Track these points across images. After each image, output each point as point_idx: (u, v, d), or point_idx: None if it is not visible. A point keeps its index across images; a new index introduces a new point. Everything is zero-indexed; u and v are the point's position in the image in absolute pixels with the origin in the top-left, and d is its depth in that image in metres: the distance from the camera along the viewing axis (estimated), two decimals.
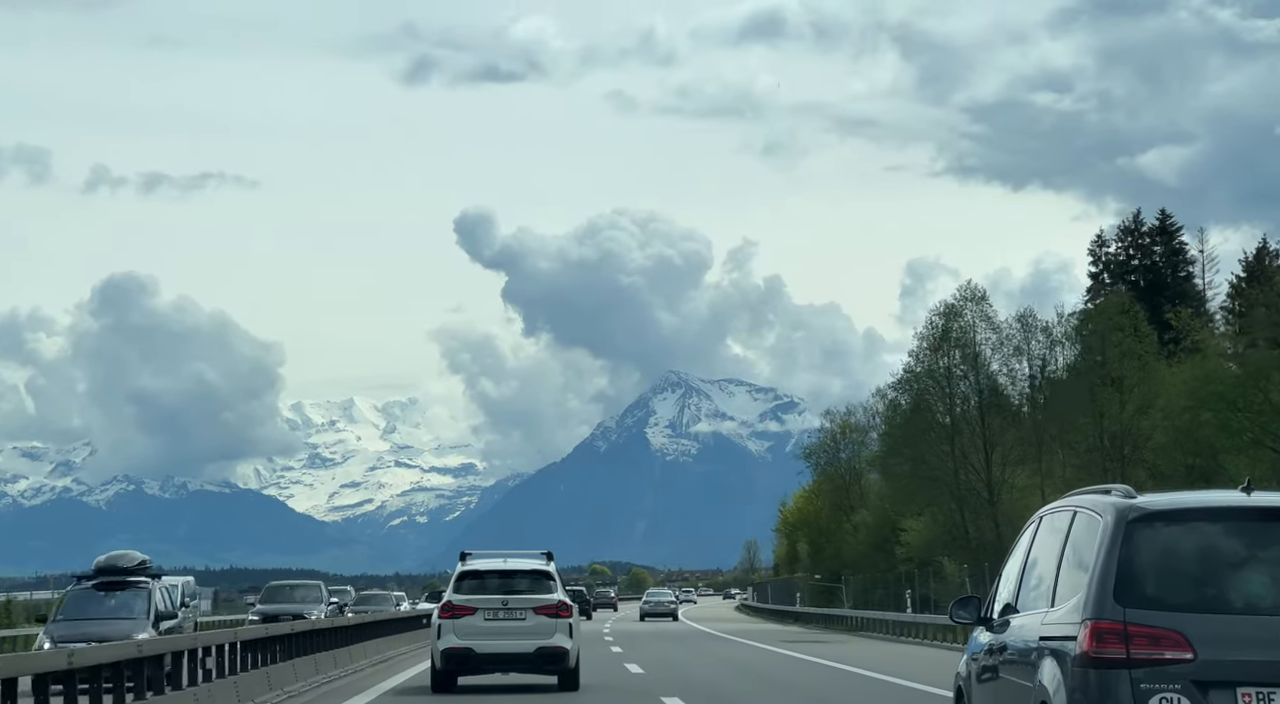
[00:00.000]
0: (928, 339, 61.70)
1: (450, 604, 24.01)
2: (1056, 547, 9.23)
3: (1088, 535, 8.79)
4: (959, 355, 60.64)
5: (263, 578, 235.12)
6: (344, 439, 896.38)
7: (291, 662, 24.93)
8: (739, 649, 42.39)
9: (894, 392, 66.55)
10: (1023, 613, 9.56)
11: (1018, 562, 10.03)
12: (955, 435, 59.95)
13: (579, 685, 24.36)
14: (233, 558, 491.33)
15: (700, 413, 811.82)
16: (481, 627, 23.70)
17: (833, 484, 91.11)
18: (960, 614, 10.38)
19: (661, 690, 24.16)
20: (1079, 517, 9.08)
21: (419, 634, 40.33)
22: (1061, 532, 9.25)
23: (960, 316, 60.77)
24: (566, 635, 23.89)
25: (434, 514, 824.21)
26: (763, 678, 28.77)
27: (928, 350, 61.80)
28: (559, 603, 24.12)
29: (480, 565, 24.68)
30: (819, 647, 43.12)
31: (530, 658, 23.87)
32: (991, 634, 10.04)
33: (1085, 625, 8.41)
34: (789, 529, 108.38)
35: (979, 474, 59.43)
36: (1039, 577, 9.50)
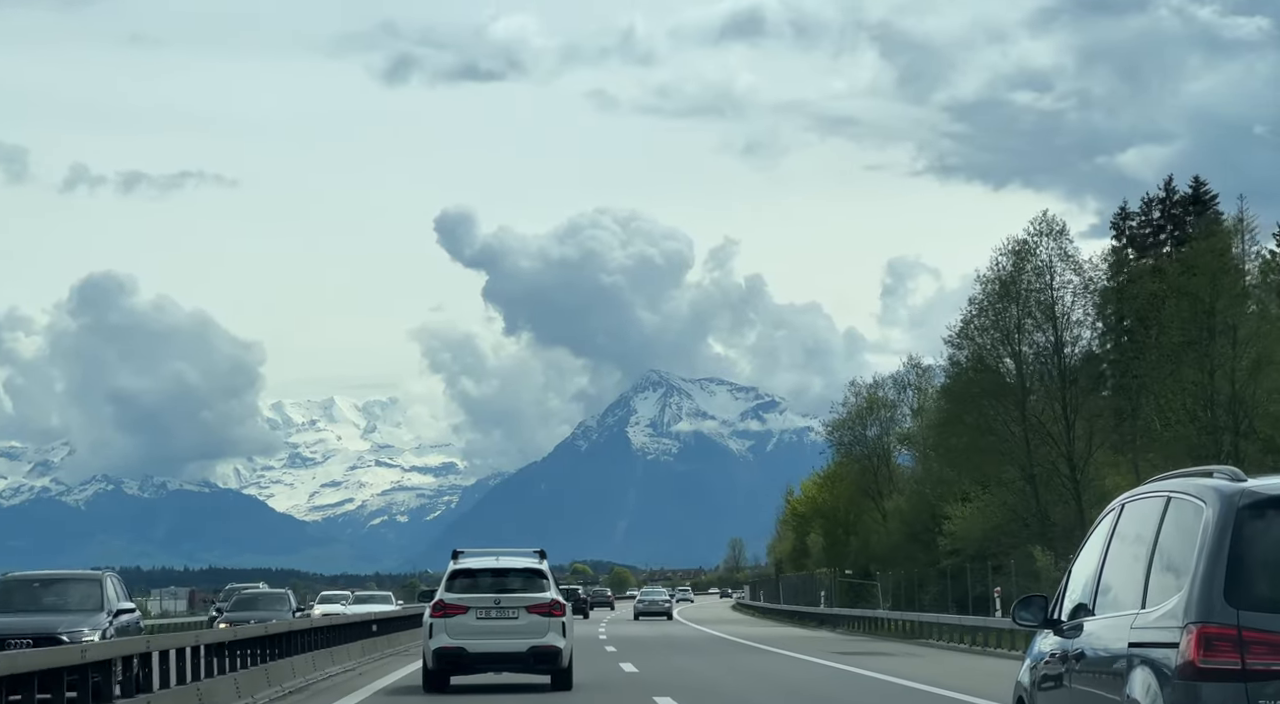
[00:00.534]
0: (994, 282, 51.89)
1: (442, 603, 23.75)
2: (1145, 539, 7.92)
3: (1187, 526, 7.49)
4: (1033, 302, 50.91)
5: (242, 578, 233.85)
6: (324, 438, 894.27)
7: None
8: (781, 663, 34.17)
9: (952, 347, 55.24)
10: (1101, 615, 8.28)
11: (1093, 556, 8.68)
12: (1027, 400, 50.53)
13: (572, 685, 24.04)
14: (212, 558, 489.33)
15: (681, 412, 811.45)
16: (474, 626, 23.44)
17: (859, 466, 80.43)
18: (1023, 616, 9.09)
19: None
20: (1175, 504, 7.73)
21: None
22: (1151, 521, 7.91)
23: (1034, 255, 50.99)
24: (560, 635, 23.61)
25: (415, 513, 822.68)
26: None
27: (995, 296, 51.85)
28: (552, 602, 23.83)
29: (472, 564, 24.41)
30: (892, 662, 34.04)
31: (523, 657, 23.59)
32: (1060, 638, 8.75)
33: (1189, 631, 7.09)
34: (798, 521, 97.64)
35: (1058, 447, 49.81)
36: (1122, 574, 8.16)
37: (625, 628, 63.10)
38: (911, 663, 33.81)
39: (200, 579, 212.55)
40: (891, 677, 28.28)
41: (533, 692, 23.79)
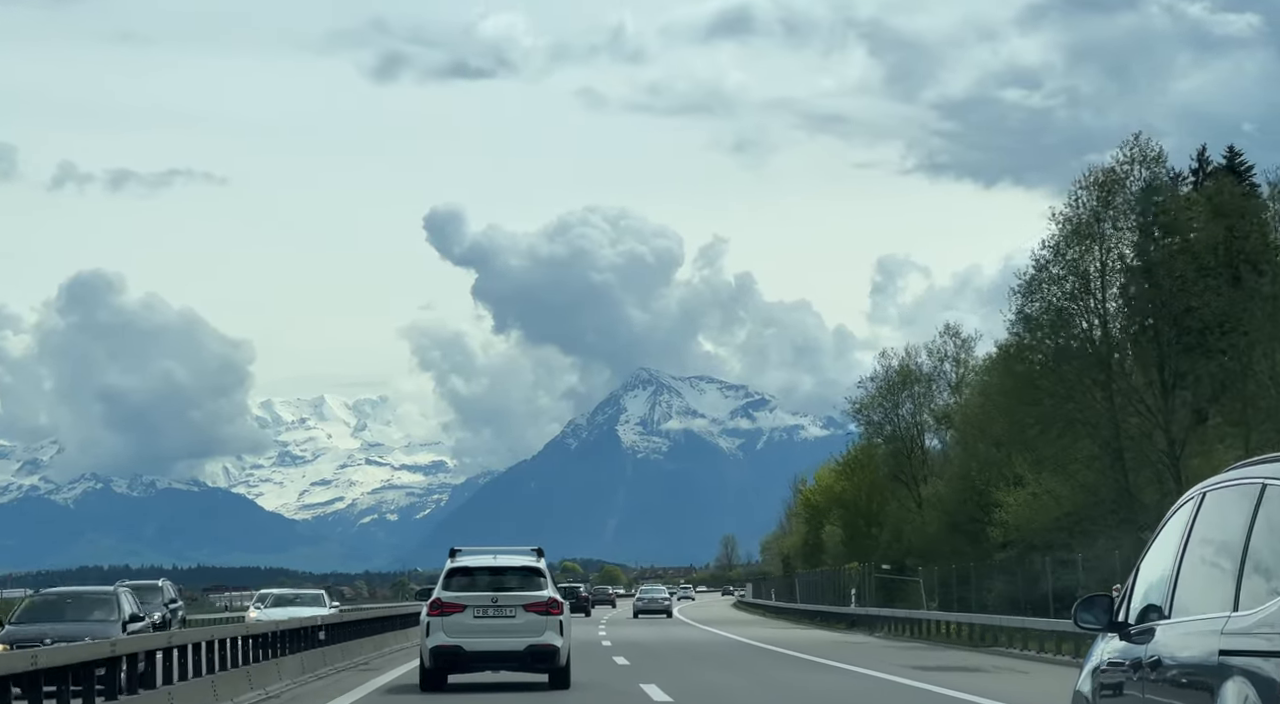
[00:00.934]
0: (1073, 221, 43.32)
1: (439, 601, 23.71)
2: (1235, 534, 6.87)
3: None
4: (1124, 244, 42.72)
5: (231, 577, 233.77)
6: (314, 437, 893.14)
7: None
8: (850, 683, 27.23)
9: (1021, 297, 45.50)
10: (1178, 618, 7.28)
11: (1166, 553, 7.65)
12: (1113, 360, 42.90)
13: (570, 684, 24.00)
14: (201, 556, 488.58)
15: (671, 410, 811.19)
16: (471, 624, 23.42)
17: (889, 449, 71.90)
18: (1086, 618, 8.14)
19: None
20: (1273, 494, 6.67)
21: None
22: (1242, 514, 6.86)
23: (1122, 187, 43.00)
24: (557, 633, 23.60)
25: (404, 512, 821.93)
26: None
27: (1072, 238, 43.30)
28: (550, 600, 23.83)
29: (469, 562, 24.37)
30: (995, 681, 27.31)
31: (520, 656, 23.58)
32: (1128, 643, 7.78)
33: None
34: (810, 513, 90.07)
35: (1153, 417, 42.04)
36: (1205, 573, 7.18)
37: (628, 630, 58.82)
38: (1020, 682, 27.19)
39: (188, 578, 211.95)
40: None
41: (530, 691, 23.62)
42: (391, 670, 30.71)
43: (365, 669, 31.91)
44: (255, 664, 23.91)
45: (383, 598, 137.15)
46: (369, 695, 23.81)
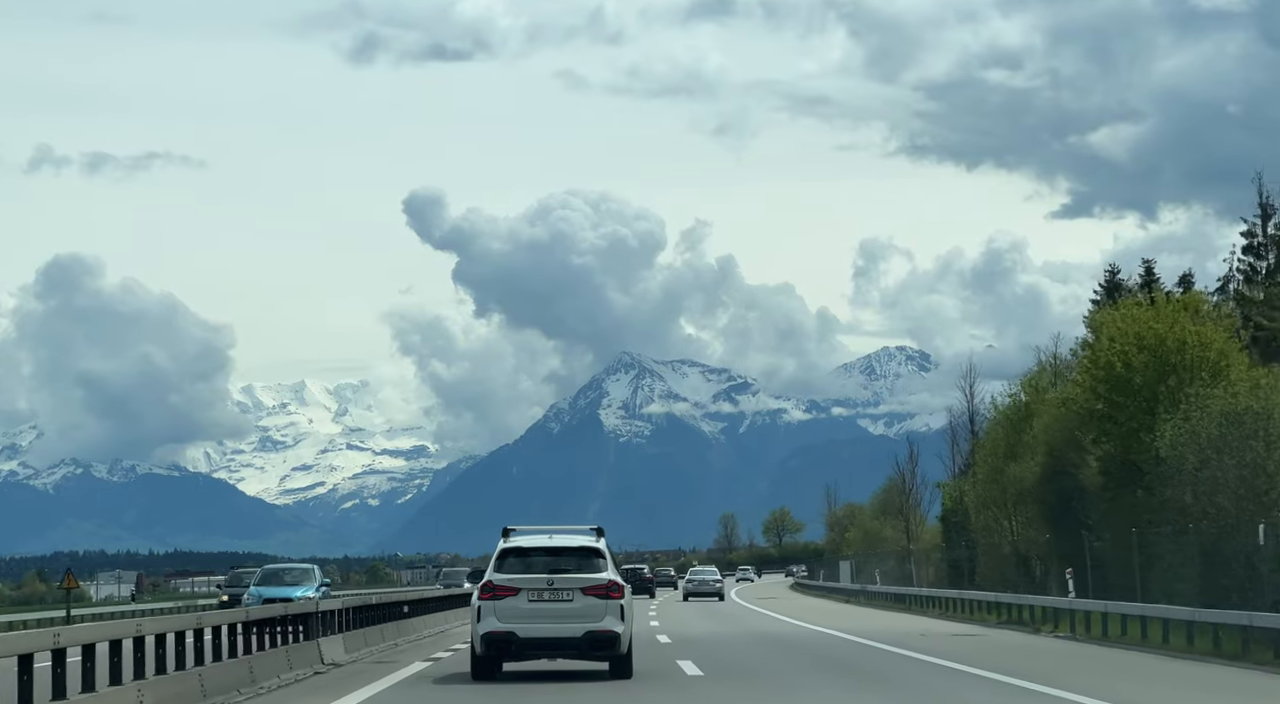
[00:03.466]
0: None
1: (491, 584, 22.40)
2: None
3: None
4: None
5: (209, 562, 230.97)
6: (295, 422, 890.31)
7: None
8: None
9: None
10: None
11: None
12: None
13: (632, 673, 22.60)
14: (182, 542, 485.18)
15: (653, 394, 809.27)
16: (525, 609, 22.19)
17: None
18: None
19: None
20: None
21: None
22: None
23: None
24: (618, 618, 22.26)
25: (386, 497, 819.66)
26: None
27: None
28: (609, 583, 22.44)
29: (524, 542, 23.13)
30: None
31: (578, 643, 22.29)
32: None
33: None
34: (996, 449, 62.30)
35: None
36: None
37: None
38: None
39: (165, 563, 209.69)
40: None
41: (590, 680, 22.29)
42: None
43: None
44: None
45: (356, 584, 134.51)
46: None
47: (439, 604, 42.95)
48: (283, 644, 24.80)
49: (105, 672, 16.79)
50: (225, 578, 60.58)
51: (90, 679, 15.98)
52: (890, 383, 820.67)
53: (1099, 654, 30.77)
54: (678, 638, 35.31)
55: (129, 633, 17.50)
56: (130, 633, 17.44)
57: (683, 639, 35.11)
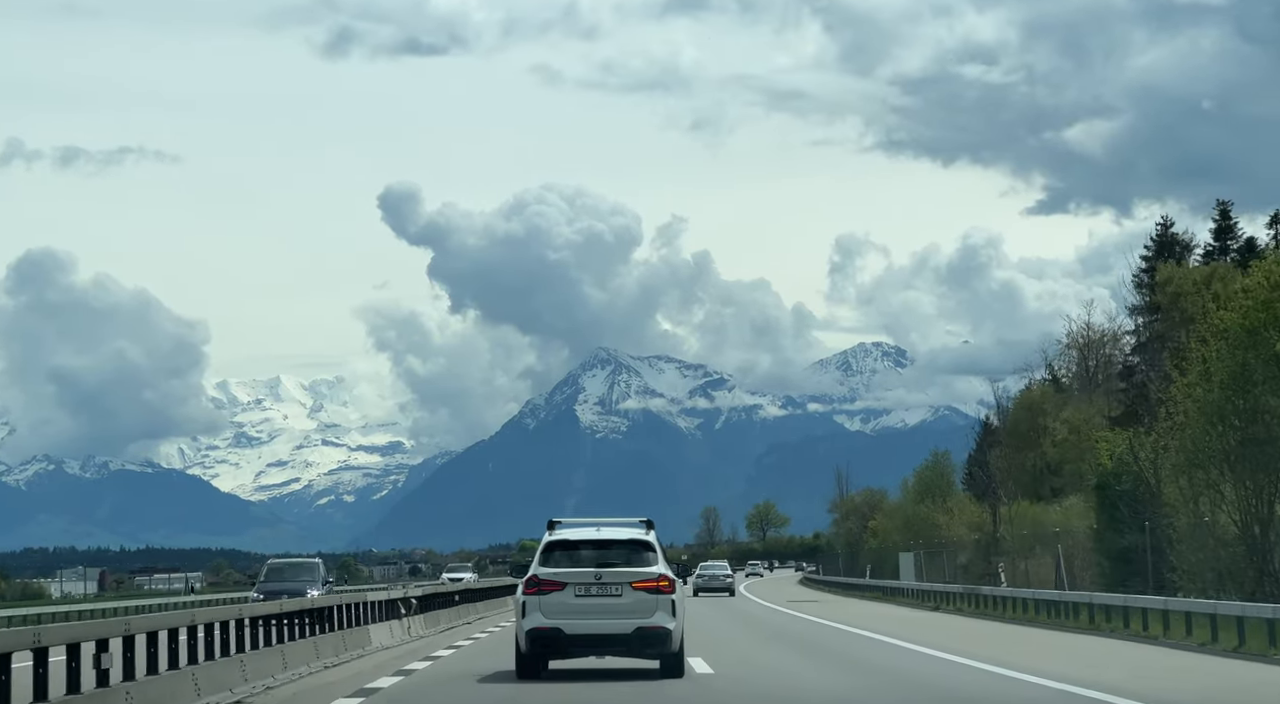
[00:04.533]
0: None
1: (536, 578, 21.67)
2: None
3: None
4: None
5: (182, 558, 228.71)
6: (270, 418, 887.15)
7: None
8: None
9: None
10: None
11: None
12: None
13: (684, 672, 21.76)
14: (155, 538, 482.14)
15: (630, 390, 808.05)
16: (572, 604, 21.44)
17: None
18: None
19: None
20: None
21: None
22: None
23: None
24: (669, 614, 21.39)
25: (361, 493, 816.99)
26: None
27: None
28: (660, 577, 21.59)
29: (570, 535, 22.29)
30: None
31: (628, 640, 21.46)
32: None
33: None
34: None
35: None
36: None
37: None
38: None
39: (135, 559, 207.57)
40: None
41: (639, 679, 21.41)
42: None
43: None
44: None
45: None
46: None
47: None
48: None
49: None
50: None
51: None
52: (866, 379, 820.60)
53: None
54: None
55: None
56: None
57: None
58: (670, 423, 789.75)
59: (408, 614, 34.48)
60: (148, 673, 17.02)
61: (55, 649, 14.44)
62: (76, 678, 14.81)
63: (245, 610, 21.49)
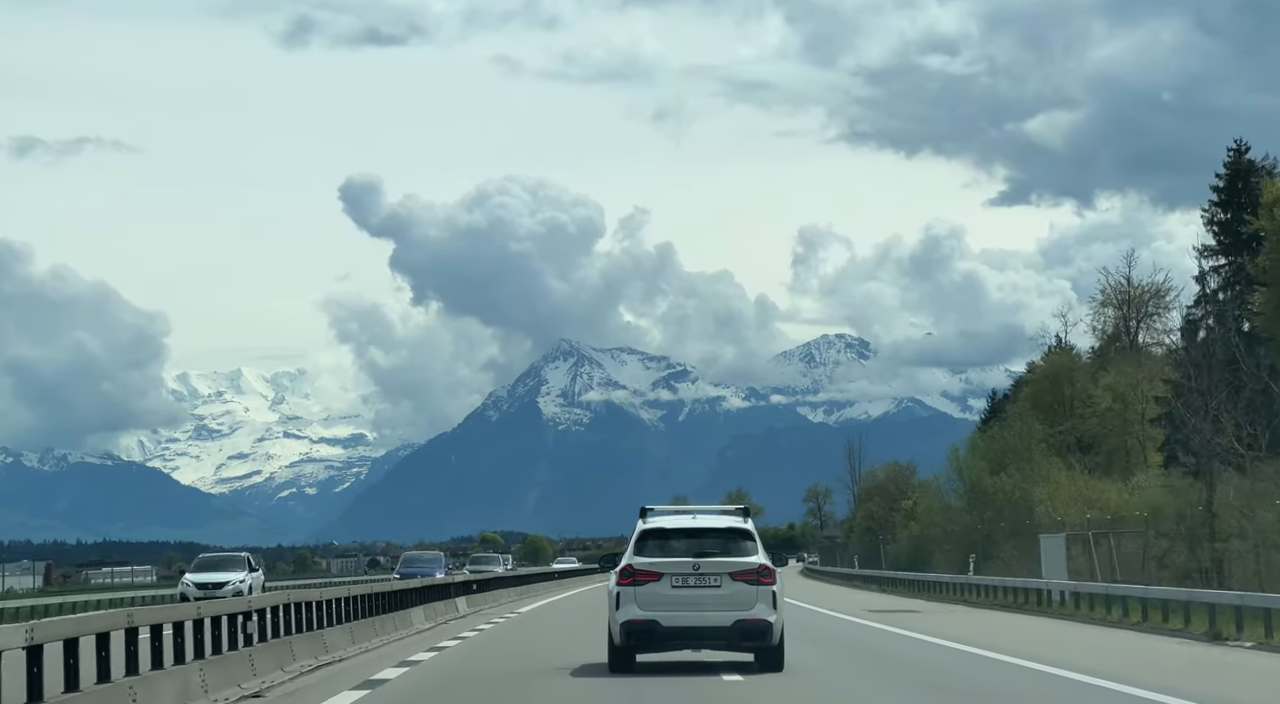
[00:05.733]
0: None
1: (631, 568, 20.84)
2: None
3: None
4: None
5: (137, 552, 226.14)
6: (231, 410, 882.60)
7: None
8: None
9: None
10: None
11: None
12: None
13: (783, 666, 20.82)
14: (114, 531, 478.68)
15: (592, 381, 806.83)
16: (669, 595, 20.60)
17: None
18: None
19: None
20: None
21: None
22: None
23: None
24: (770, 606, 20.61)
25: (323, 485, 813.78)
26: None
27: None
28: (760, 567, 20.75)
29: (666, 523, 21.40)
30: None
31: (727, 632, 20.67)
32: None
33: None
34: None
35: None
36: None
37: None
38: None
39: (92, 552, 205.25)
40: None
41: (734, 672, 20.56)
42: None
43: None
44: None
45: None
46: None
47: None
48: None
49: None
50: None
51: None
52: (829, 371, 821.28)
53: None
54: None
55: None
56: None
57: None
58: (633, 415, 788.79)
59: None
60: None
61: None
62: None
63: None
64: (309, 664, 22.31)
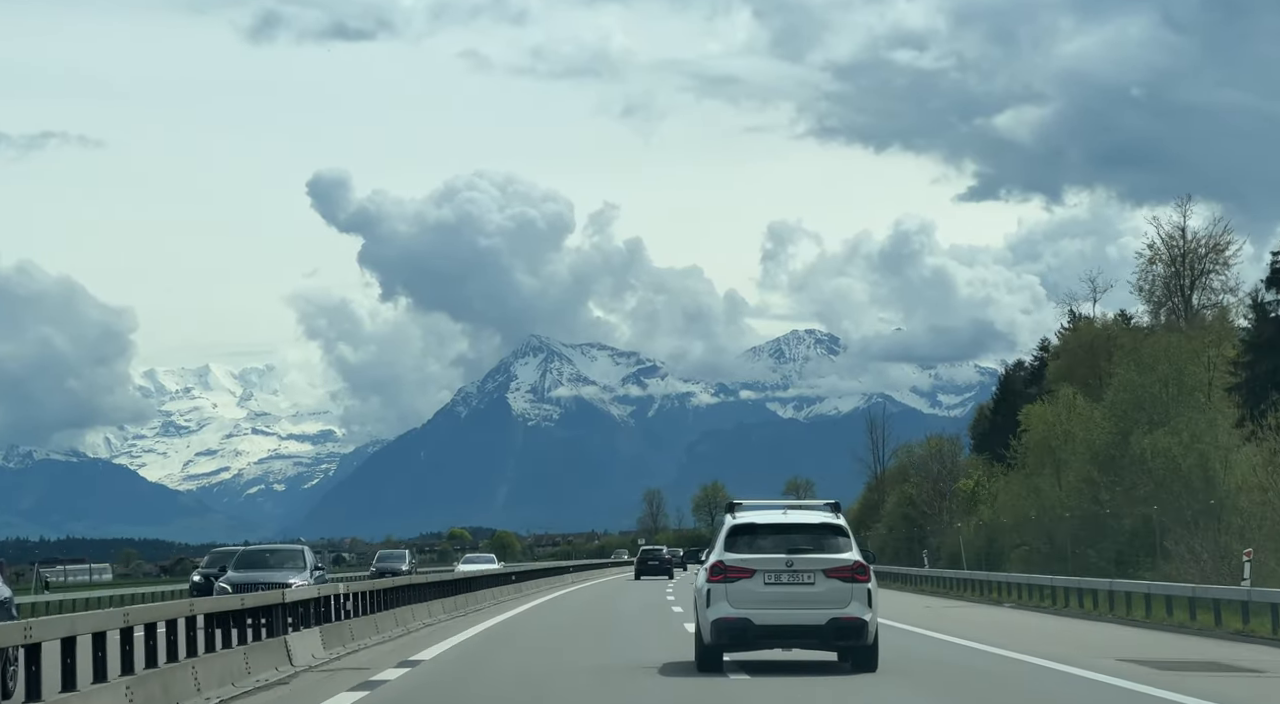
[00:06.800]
0: None
1: (722, 565, 20.38)
2: None
3: None
4: None
5: (101, 549, 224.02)
6: (199, 406, 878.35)
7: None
8: None
9: None
10: None
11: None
12: None
13: (877, 666, 20.44)
14: (80, 529, 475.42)
15: (562, 377, 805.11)
16: (761, 593, 20.21)
17: None
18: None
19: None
20: None
21: None
22: None
23: None
24: (865, 604, 20.24)
25: (292, 482, 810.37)
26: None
27: None
28: (855, 564, 20.37)
29: (756, 518, 20.98)
30: None
31: (821, 631, 20.26)
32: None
33: None
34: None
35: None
36: None
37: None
38: None
39: (55, 550, 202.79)
40: None
41: (825, 673, 20.14)
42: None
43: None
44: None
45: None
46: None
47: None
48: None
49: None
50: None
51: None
52: (799, 366, 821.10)
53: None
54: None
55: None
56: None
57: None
58: (603, 410, 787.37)
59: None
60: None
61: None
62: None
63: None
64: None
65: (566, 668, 21.66)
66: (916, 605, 47.43)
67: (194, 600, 18.20)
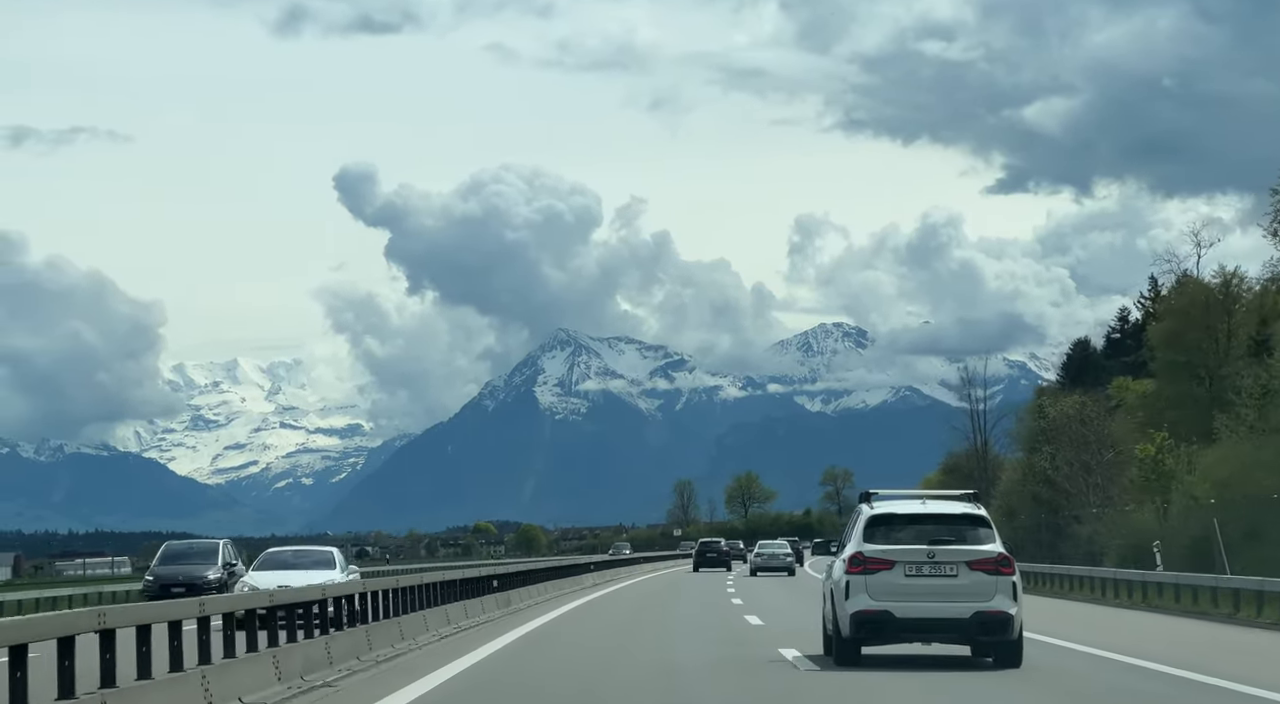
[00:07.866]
0: None
1: (861, 556, 19.82)
2: None
3: None
4: None
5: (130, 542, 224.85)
6: (228, 400, 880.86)
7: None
8: None
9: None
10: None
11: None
12: None
13: (1021, 662, 19.74)
14: (111, 522, 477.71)
15: (589, 371, 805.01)
16: (901, 585, 19.65)
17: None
18: None
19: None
20: None
21: None
22: None
23: None
24: (1010, 598, 19.56)
25: (319, 476, 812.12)
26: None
27: None
28: (999, 556, 19.71)
29: (894, 508, 20.41)
30: None
31: (965, 625, 19.64)
32: None
33: None
34: None
35: None
36: None
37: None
38: None
39: (83, 543, 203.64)
40: None
41: (965, 669, 19.69)
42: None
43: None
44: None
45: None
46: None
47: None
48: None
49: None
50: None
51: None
52: (827, 360, 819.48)
53: None
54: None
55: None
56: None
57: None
58: (630, 404, 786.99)
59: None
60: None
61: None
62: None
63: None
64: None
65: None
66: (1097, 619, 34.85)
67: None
